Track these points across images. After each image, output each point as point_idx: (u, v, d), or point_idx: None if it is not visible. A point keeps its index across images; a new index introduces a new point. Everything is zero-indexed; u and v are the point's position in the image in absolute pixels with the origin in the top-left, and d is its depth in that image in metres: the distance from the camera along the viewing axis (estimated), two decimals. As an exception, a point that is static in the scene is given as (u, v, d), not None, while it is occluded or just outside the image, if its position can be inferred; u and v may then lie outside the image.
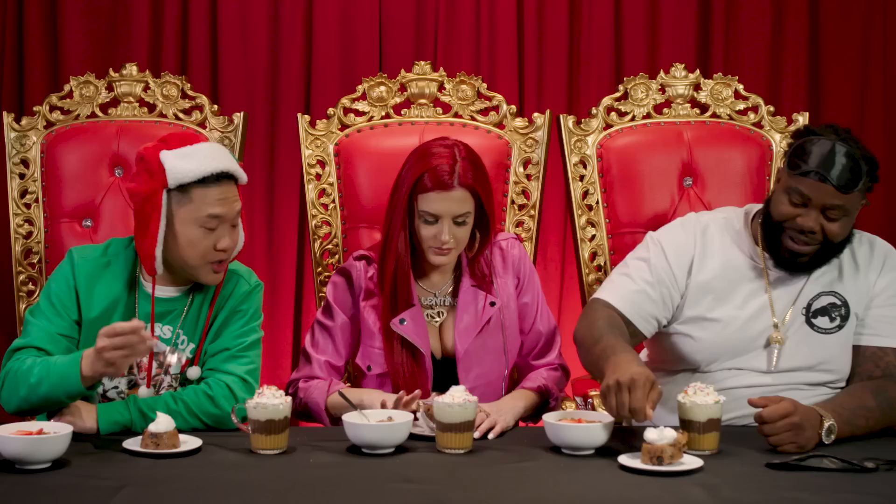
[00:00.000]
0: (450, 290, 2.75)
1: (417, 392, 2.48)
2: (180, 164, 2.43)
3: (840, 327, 2.58)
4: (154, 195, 2.44)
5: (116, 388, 2.52)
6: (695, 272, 2.63)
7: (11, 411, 2.46)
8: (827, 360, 2.58)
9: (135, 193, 2.49)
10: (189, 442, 2.29)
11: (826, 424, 2.33)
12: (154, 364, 2.51)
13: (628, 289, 2.62)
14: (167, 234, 2.46)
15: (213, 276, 2.52)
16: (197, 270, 2.50)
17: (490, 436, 2.44)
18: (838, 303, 2.59)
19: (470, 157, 2.65)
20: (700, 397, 2.28)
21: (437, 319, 2.73)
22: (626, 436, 2.37)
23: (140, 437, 2.29)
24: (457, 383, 2.39)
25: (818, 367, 2.58)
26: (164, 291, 2.54)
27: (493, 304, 2.70)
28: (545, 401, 2.70)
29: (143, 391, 2.48)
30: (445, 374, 2.67)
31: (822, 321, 2.59)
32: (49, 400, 2.39)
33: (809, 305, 2.59)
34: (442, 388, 2.45)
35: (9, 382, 2.43)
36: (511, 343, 2.74)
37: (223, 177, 2.48)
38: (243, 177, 2.53)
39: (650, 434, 2.15)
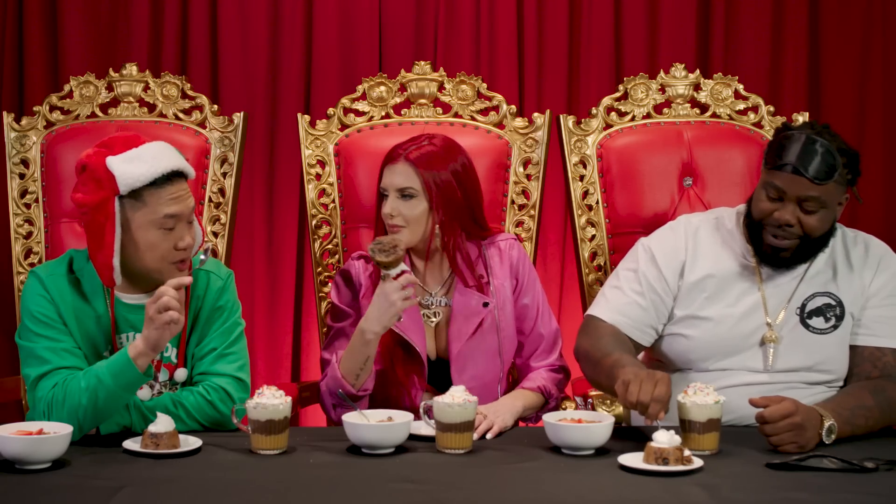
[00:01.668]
0: (446, 291, 2.74)
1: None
2: (129, 168, 2.37)
3: (835, 327, 2.58)
4: (105, 204, 2.38)
5: None
6: (686, 274, 2.63)
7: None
8: (823, 361, 2.57)
9: (83, 204, 2.41)
10: (189, 442, 2.29)
11: (826, 424, 2.33)
12: None
13: (620, 302, 2.63)
14: (124, 241, 2.40)
15: (180, 276, 2.46)
16: (161, 274, 2.43)
17: (488, 436, 2.44)
18: (833, 303, 2.59)
19: (437, 145, 2.67)
20: (700, 397, 2.27)
21: (434, 320, 2.72)
22: (626, 436, 2.37)
23: (140, 437, 2.29)
24: (451, 384, 2.38)
25: (815, 368, 2.57)
26: (137, 298, 2.49)
27: (485, 304, 2.70)
28: (545, 401, 2.70)
29: (143, 393, 2.47)
30: (440, 375, 2.67)
31: (817, 321, 2.59)
32: (109, 405, 2.34)
33: (804, 306, 2.59)
34: (437, 390, 2.44)
35: (57, 410, 2.34)
36: (506, 345, 2.73)
37: (174, 175, 2.42)
38: (192, 172, 2.47)
39: (660, 436, 2.15)
